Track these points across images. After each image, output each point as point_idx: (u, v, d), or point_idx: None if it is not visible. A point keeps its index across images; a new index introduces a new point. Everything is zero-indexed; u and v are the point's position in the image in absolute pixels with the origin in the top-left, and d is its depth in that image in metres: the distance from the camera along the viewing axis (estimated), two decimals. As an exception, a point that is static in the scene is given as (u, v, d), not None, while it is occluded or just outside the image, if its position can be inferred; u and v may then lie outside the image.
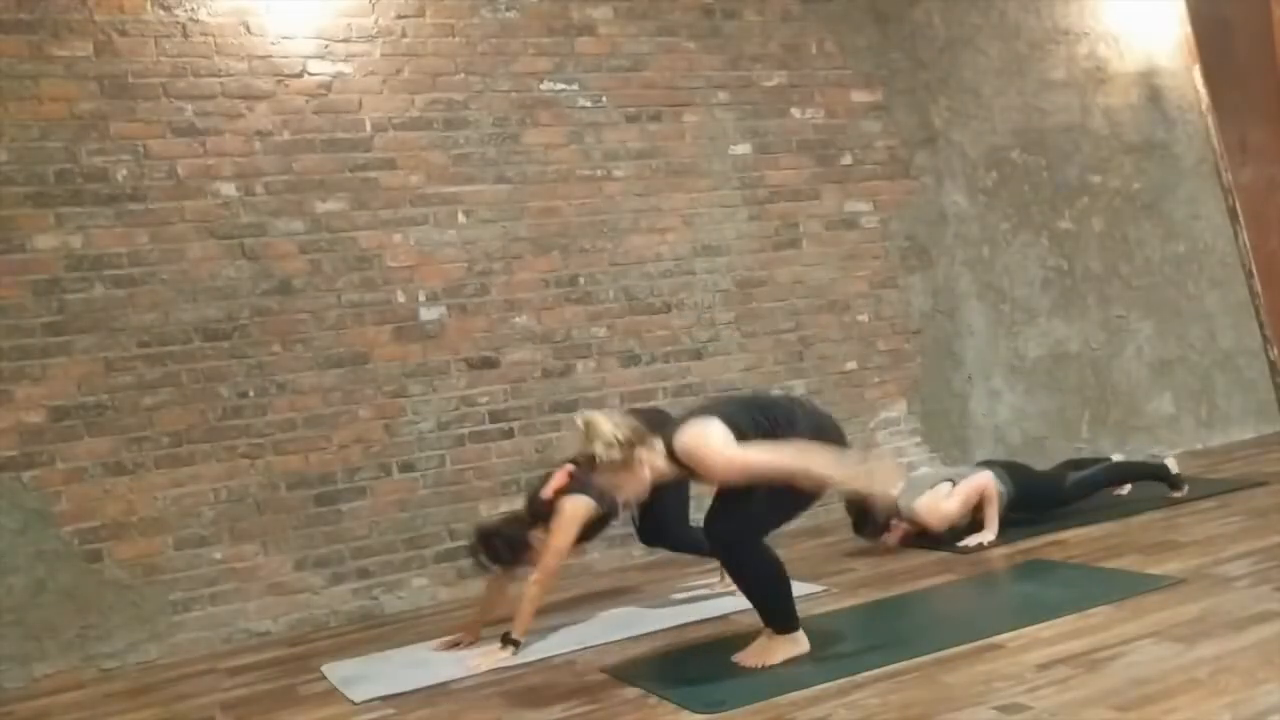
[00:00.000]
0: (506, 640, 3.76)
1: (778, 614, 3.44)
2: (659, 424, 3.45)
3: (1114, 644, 3.17)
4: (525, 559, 3.88)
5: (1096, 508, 5.18)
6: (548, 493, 3.88)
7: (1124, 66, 6.73)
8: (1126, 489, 5.43)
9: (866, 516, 4.73)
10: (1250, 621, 3.21)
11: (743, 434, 3.27)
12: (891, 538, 4.85)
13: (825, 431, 3.41)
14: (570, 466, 3.93)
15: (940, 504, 4.77)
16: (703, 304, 5.47)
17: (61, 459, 4.30)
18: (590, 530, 3.94)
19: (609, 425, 3.25)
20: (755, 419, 3.32)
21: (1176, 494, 5.10)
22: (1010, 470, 4.97)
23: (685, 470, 3.32)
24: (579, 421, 3.32)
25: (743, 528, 3.40)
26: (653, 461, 3.29)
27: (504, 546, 3.87)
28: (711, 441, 3.24)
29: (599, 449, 3.22)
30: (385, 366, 4.82)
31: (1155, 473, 5.22)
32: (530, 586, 3.79)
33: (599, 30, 5.34)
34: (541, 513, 3.88)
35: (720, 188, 5.56)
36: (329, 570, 4.67)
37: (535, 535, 3.87)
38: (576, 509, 3.82)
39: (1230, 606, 3.38)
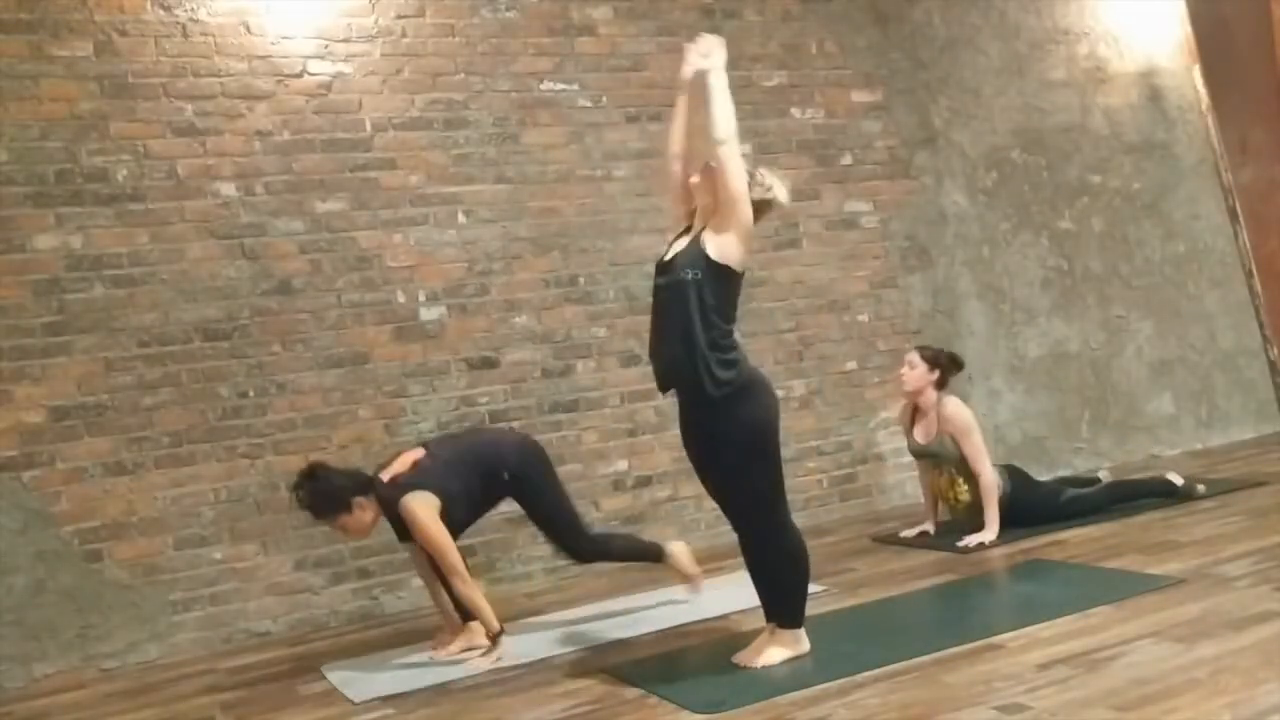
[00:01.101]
0: (491, 639, 3.75)
1: (790, 608, 3.41)
2: None
3: (1114, 644, 3.17)
4: (337, 521, 3.79)
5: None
6: (385, 475, 3.82)
7: (1124, 66, 6.73)
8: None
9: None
10: (1250, 621, 3.21)
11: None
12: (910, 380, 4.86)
13: None
14: (421, 453, 3.89)
15: (968, 412, 4.84)
16: (703, 304, 5.46)
17: (61, 459, 4.30)
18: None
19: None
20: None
21: (1199, 490, 5.07)
22: (1010, 471, 4.96)
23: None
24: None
25: (768, 508, 3.33)
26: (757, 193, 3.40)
27: (322, 496, 3.74)
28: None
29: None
30: (385, 366, 4.82)
31: (1158, 490, 5.11)
32: (461, 589, 3.74)
33: (599, 30, 5.34)
34: (381, 493, 3.78)
35: (720, 188, 5.55)
36: (329, 570, 4.67)
37: (359, 502, 3.76)
38: (424, 509, 3.70)
39: (1230, 606, 3.38)
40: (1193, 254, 6.80)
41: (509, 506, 4.88)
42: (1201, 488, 5.11)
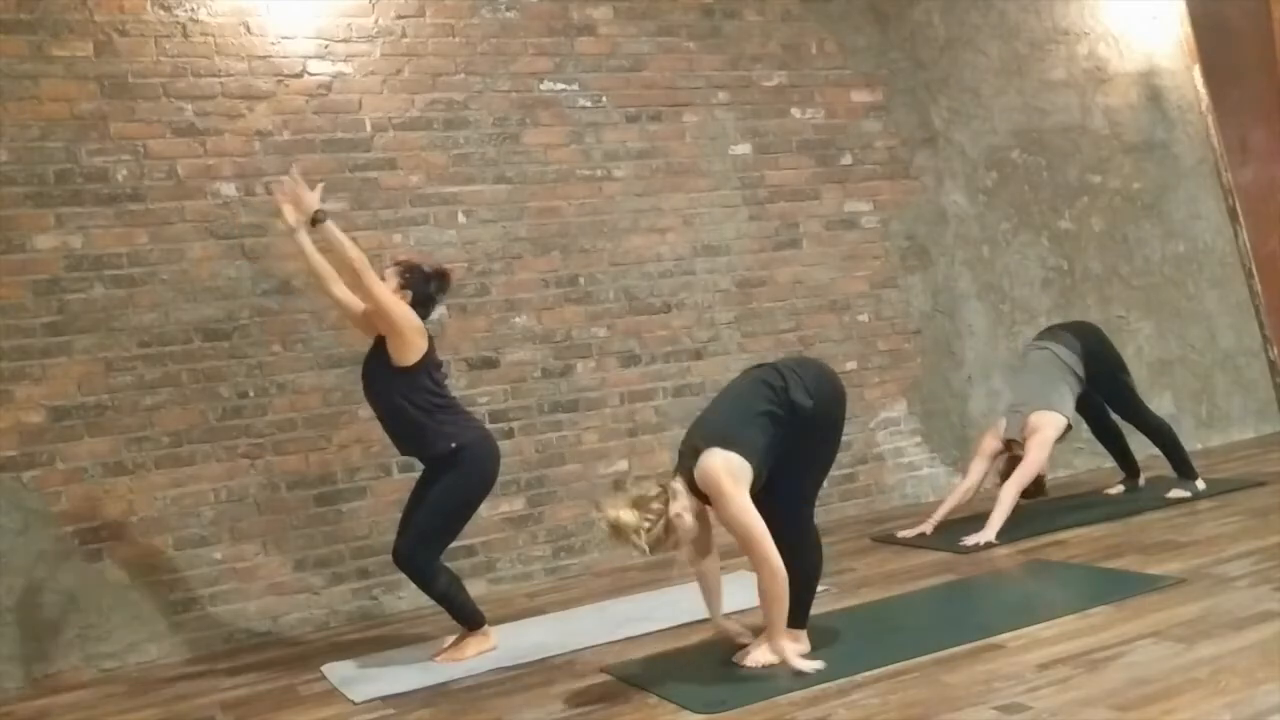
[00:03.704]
0: (316, 219, 3.76)
1: (796, 608, 3.41)
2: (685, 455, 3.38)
3: (1114, 644, 3.17)
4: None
5: (1096, 505, 5.20)
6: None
7: (1124, 66, 6.73)
8: (1117, 489, 5.44)
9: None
10: (1250, 621, 3.21)
11: (759, 459, 3.27)
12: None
13: (825, 401, 3.41)
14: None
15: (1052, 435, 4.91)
16: (703, 304, 5.47)
17: (61, 459, 4.30)
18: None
19: (631, 515, 3.19)
20: (768, 436, 3.31)
21: (1172, 494, 5.09)
22: (1083, 336, 5.22)
23: (705, 499, 3.28)
24: (603, 526, 3.25)
25: (807, 504, 3.43)
26: (685, 507, 3.25)
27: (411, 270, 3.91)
28: (727, 485, 3.20)
29: (639, 541, 3.18)
30: (385, 366, 4.81)
31: (1187, 472, 5.20)
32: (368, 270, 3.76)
33: (599, 30, 5.34)
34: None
35: (720, 188, 5.56)
36: (329, 570, 4.67)
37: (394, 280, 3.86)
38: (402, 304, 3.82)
39: (1230, 606, 3.38)
40: (1193, 254, 6.80)
41: (509, 505, 4.91)
42: (1189, 494, 5.12)
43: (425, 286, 3.91)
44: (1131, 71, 6.74)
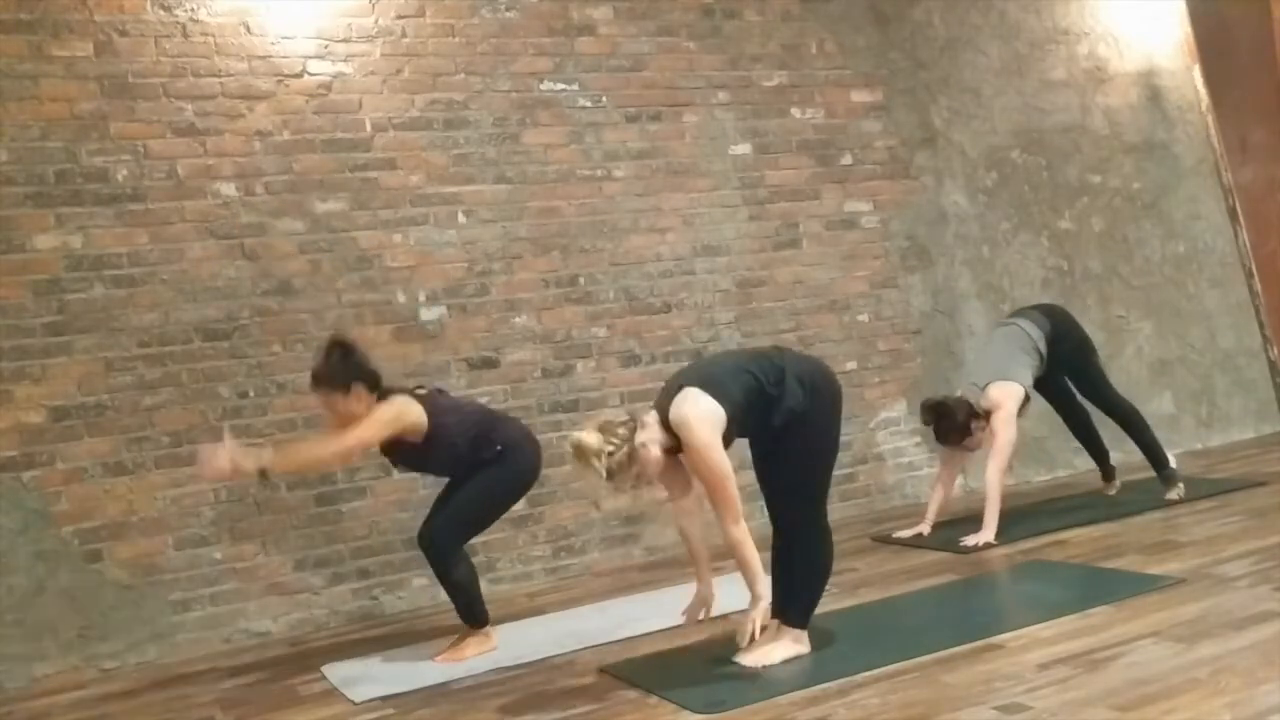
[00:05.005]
0: (263, 475, 3.63)
1: (801, 608, 3.42)
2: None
3: (1114, 644, 3.17)
4: (331, 397, 3.73)
5: (1096, 506, 5.20)
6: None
7: (1124, 66, 6.73)
8: (1116, 487, 5.43)
9: (944, 420, 4.83)
10: (1250, 621, 3.21)
11: (732, 410, 3.24)
12: (973, 443, 4.87)
13: (819, 392, 3.39)
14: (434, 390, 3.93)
15: (1011, 414, 4.84)
16: (703, 304, 5.47)
17: (61, 459, 4.30)
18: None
19: (594, 437, 3.19)
20: (748, 398, 3.29)
21: (1171, 495, 5.08)
22: (1051, 312, 5.19)
23: (678, 439, 3.25)
24: (569, 448, 3.24)
25: (815, 505, 3.41)
26: (653, 438, 3.23)
27: (340, 367, 3.70)
28: (697, 422, 3.17)
29: (598, 465, 3.17)
30: (385, 366, 4.76)
31: (1158, 458, 5.18)
32: (333, 445, 3.71)
33: (599, 30, 5.35)
34: (385, 391, 3.80)
35: (720, 188, 5.56)
36: (329, 570, 4.67)
37: (359, 392, 3.71)
38: (398, 405, 3.73)
39: (1230, 606, 3.38)
40: (1193, 254, 6.80)
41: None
42: (1180, 487, 5.11)
43: (361, 369, 3.75)
44: (1131, 71, 6.75)
